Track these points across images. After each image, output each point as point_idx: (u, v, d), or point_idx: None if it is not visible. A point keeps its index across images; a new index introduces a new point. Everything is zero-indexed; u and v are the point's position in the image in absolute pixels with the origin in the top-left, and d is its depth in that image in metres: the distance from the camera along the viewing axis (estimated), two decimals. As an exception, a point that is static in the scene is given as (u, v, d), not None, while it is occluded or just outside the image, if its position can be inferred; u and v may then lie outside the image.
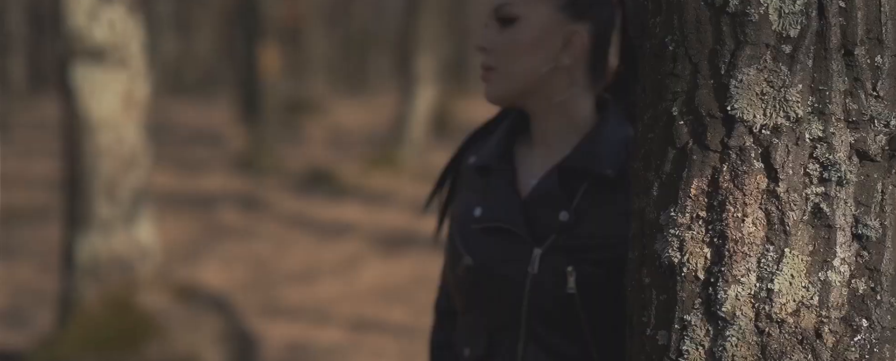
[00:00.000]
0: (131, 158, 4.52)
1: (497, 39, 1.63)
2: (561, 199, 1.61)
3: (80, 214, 4.56)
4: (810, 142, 1.28)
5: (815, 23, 1.27)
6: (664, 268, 1.32)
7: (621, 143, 1.63)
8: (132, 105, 4.49)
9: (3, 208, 9.77)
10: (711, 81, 1.29)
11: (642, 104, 1.37)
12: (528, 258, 1.60)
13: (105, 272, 4.55)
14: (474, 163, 1.70)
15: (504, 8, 1.63)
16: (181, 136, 15.20)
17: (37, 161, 12.09)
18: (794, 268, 1.28)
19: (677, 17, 1.31)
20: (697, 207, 1.30)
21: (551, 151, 1.66)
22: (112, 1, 4.41)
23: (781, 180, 1.27)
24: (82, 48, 4.39)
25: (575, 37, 1.63)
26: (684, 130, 1.30)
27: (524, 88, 1.64)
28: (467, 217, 1.67)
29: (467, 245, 1.65)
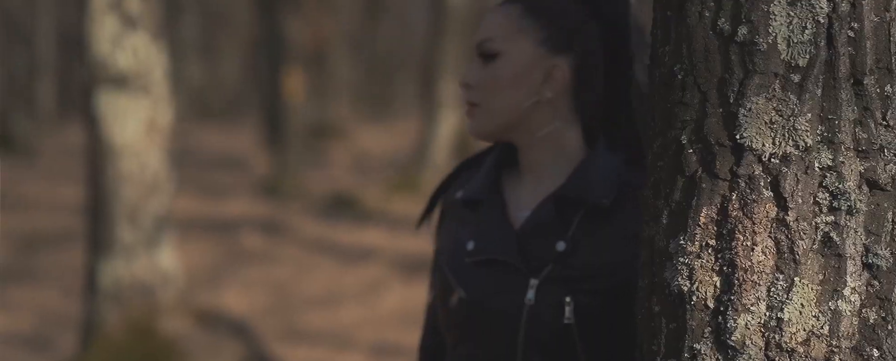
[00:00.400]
0: (154, 183, 4.55)
1: (480, 75, 1.65)
2: (557, 229, 1.61)
3: (102, 239, 4.59)
4: (820, 171, 1.28)
5: (823, 52, 1.27)
6: (674, 296, 1.32)
7: (613, 172, 1.64)
8: (155, 131, 4.53)
9: (29, 233, 9.84)
10: (720, 109, 1.29)
11: (652, 132, 1.37)
12: (523, 289, 1.60)
13: (127, 296, 4.57)
14: (462, 197, 1.71)
15: (485, 44, 1.65)
16: (206, 161, 15.29)
17: (62, 186, 12.18)
18: (804, 297, 1.27)
19: (686, 46, 1.31)
20: (707, 235, 1.30)
21: (541, 182, 1.66)
22: (136, 28, 4.46)
23: (791, 209, 1.27)
24: (106, 75, 4.43)
25: (556, 70, 1.64)
26: (693, 159, 1.31)
27: (508, 122, 1.65)
28: (459, 251, 1.67)
29: (460, 278, 1.65)
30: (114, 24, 4.41)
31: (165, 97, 4.58)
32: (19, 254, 9.02)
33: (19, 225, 10.29)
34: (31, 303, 7.24)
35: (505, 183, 1.70)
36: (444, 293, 1.68)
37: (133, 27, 4.44)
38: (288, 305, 7.35)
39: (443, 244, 1.73)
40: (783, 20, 1.27)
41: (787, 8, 1.27)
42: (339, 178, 13.55)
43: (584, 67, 1.66)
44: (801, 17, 1.27)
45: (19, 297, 7.42)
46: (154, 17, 4.53)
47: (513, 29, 1.64)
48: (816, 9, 1.27)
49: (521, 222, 1.65)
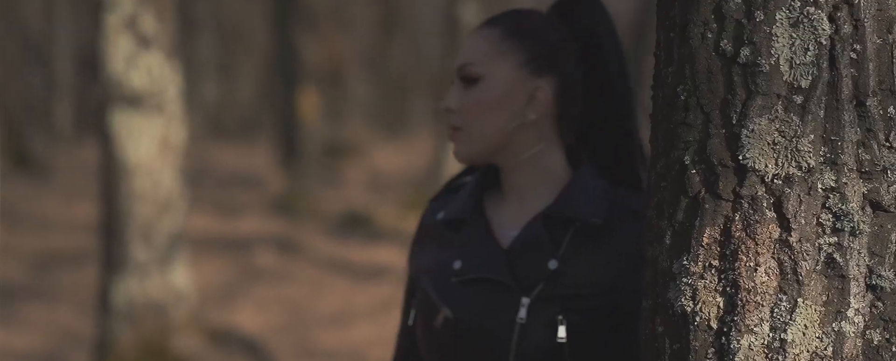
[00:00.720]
0: (167, 202, 4.57)
1: (462, 99, 1.65)
2: (547, 247, 1.61)
3: (115, 257, 4.61)
4: (823, 192, 1.28)
5: (826, 74, 1.27)
6: (677, 317, 1.32)
7: (601, 191, 1.65)
8: (168, 150, 4.55)
9: (44, 251, 9.88)
10: (723, 130, 1.30)
11: (654, 153, 1.38)
12: (515, 308, 1.60)
13: (140, 315, 4.59)
14: (443, 218, 1.71)
15: (467, 68, 1.65)
16: (221, 179, 15.33)
17: (78, 205, 12.23)
18: (807, 318, 1.27)
19: (689, 67, 1.32)
20: (710, 256, 1.30)
21: (525, 203, 1.67)
22: (150, 47, 4.49)
23: (794, 230, 1.27)
24: (120, 94, 4.46)
25: (538, 92, 1.65)
26: (696, 179, 1.31)
27: (492, 146, 1.65)
28: (444, 271, 1.67)
29: (446, 298, 1.64)
30: (128, 44, 4.44)
31: (179, 116, 4.60)
32: (34, 272, 9.05)
33: (34, 243, 10.34)
34: (45, 321, 7.26)
35: (487, 204, 1.70)
36: (427, 314, 1.67)
37: (147, 47, 4.47)
38: (301, 323, 7.36)
39: (423, 265, 1.72)
40: (785, 42, 1.28)
41: (790, 29, 1.28)
42: (354, 196, 13.57)
43: (565, 87, 1.67)
44: (804, 39, 1.27)
45: (33, 315, 7.45)
46: (168, 36, 4.56)
47: (494, 52, 1.65)
48: (819, 30, 1.27)
49: (508, 241, 1.65)
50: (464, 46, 1.69)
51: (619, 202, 1.65)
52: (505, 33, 1.66)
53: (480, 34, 1.67)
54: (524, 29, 1.66)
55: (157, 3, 4.50)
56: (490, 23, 1.69)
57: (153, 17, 4.49)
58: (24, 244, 10.28)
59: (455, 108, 1.66)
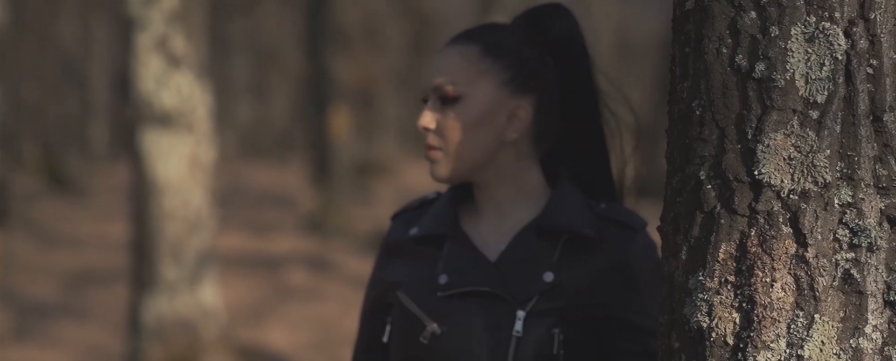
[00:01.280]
0: (196, 220, 4.60)
1: (441, 119, 1.63)
2: (543, 259, 1.61)
3: (146, 276, 4.65)
4: (839, 207, 1.27)
5: (842, 89, 1.27)
6: (693, 333, 1.31)
7: (584, 204, 1.65)
8: (198, 169, 4.59)
9: (78, 270, 9.96)
10: (738, 145, 1.29)
11: (670, 168, 1.37)
12: (510, 322, 1.59)
13: (170, 333, 4.61)
14: (419, 234, 1.68)
15: (446, 87, 1.63)
16: (253, 198, 15.41)
17: (112, 224, 12.32)
18: (824, 335, 1.26)
19: (704, 82, 1.32)
20: (726, 271, 1.30)
21: (505, 218, 1.66)
22: (180, 67, 4.53)
23: (810, 246, 1.27)
24: (150, 113, 4.51)
25: (519, 111, 1.64)
26: (712, 195, 1.31)
27: (473, 165, 1.64)
28: (426, 286, 1.64)
29: (433, 313, 1.62)
30: (158, 64, 4.48)
31: (209, 135, 4.64)
32: (67, 290, 9.13)
33: (68, 262, 10.42)
34: (78, 339, 7.32)
35: (462, 219, 1.69)
36: (408, 330, 1.64)
37: (177, 66, 4.52)
38: (332, 341, 7.37)
39: (396, 282, 1.69)
40: (801, 57, 1.27)
41: (805, 45, 1.27)
42: (385, 215, 13.54)
43: (545, 105, 1.66)
44: (819, 54, 1.27)
45: (66, 333, 7.50)
46: (198, 56, 4.60)
47: (474, 71, 1.63)
48: (834, 46, 1.27)
49: (494, 255, 1.64)
50: (438, 63, 1.66)
51: (602, 214, 1.66)
52: (484, 51, 1.64)
53: (457, 51, 1.65)
54: (503, 46, 1.65)
55: (188, 23, 4.54)
56: (465, 39, 1.66)
57: (183, 38, 4.53)
58: (58, 263, 10.37)
59: (433, 127, 1.63)
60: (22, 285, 9.31)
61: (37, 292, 9.03)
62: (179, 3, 4.50)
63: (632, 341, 1.65)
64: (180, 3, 4.50)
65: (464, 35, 1.67)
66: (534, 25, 1.69)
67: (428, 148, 1.64)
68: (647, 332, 1.65)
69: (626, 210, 1.70)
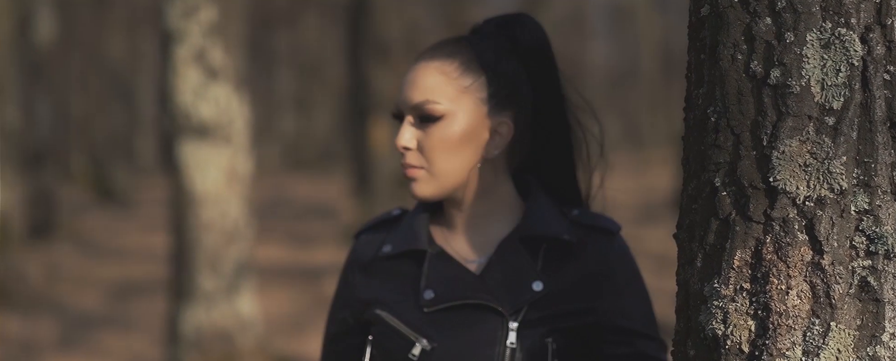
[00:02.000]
0: (234, 231, 4.63)
1: (422, 138, 1.60)
2: (528, 269, 1.60)
3: (184, 286, 4.68)
4: (856, 214, 1.26)
5: (858, 95, 1.26)
6: (708, 340, 1.31)
7: (559, 213, 1.65)
8: (235, 180, 4.62)
9: (121, 281, 10.06)
10: (754, 152, 1.28)
11: (686, 175, 1.37)
12: (503, 334, 1.57)
13: (207, 343, 4.64)
14: (393, 251, 1.66)
15: (428, 106, 1.59)
16: (295, 209, 15.49)
17: (156, 235, 12.44)
18: (840, 342, 1.25)
19: (719, 89, 1.31)
20: (741, 278, 1.29)
21: (481, 233, 1.65)
22: (217, 79, 4.57)
23: (826, 253, 1.26)
24: (188, 125, 4.54)
25: (501, 127, 1.63)
26: (727, 201, 1.30)
27: (456, 183, 1.62)
28: (411, 302, 1.62)
29: (421, 329, 1.59)
30: (197, 76, 4.53)
31: (246, 147, 4.67)
32: (112, 301, 9.22)
33: (112, 273, 10.53)
34: (122, 349, 7.39)
35: (434, 235, 1.67)
36: (394, 348, 1.61)
37: (215, 78, 4.55)
38: (371, 353, 7.37)
39: (372, 301, 1.65)
40: (816, 63, 1.26)
41: (821, 51, 1.26)
42: (427, 227, 13.56)
43: (524, 120, 1.65)
44: (835, 60, 1.26)
45: (109, 343, 7.58)
46: (236, 68, 4.64)
47: (455, 89, 1.60)
48: (850, 52, 1.26)
49: (477, 268, 1.63)
50: (414, 80, 1.62)
51: (577, 220, 1.66)
52: (463, 67, 1.61)
53: (435, 68, 1.61)
54: (482, 61, 1.62)
55: (225, 35, 4.59)
56: (442, 54, 1.63)
57: (221, 50, 4.57)
58: (102, 274, 10.48)
59: (413, 146, 1.61)
60: (67, 295, 9.42)
61: (81, 302, 9.13)
62: (217, 16, 4.54)
63: (621, 344, 1.64)
64: (218, 15, 4.54)
65: (439, 50, 1.63)
66: (505, 36, 1.66)
67: (407, 167, 1.61)
68: (635, 333, 1.65)
69: (599, 215, 1.70)
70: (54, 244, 12.72)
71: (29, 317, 8.42)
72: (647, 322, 1.67)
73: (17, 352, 7.40)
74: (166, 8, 4.52)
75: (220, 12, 4.54)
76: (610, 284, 1.64)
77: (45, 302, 9.06)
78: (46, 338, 7.78)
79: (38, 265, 10.94)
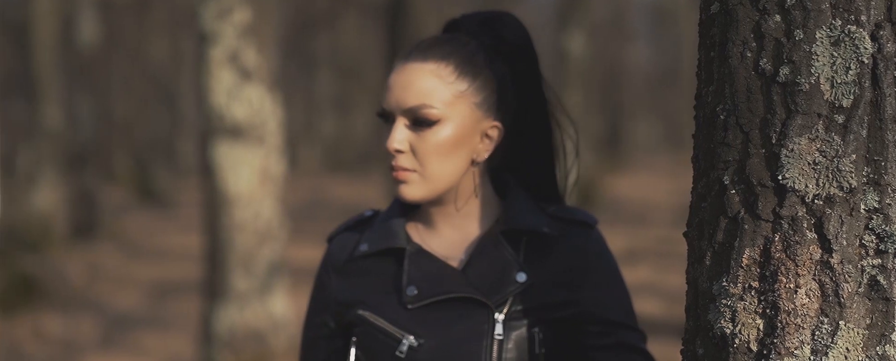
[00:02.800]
0: (267, 231, 4.66)
1: (415, 141, 1.59)
2: (510, 262, 1.61)
3: (217, 286, 4.72)
4: (866, 213, 1.25)
5: (868, 93, 1.25)
6: (717, 339, 1.30)
7: (536, 207, 1.65)
8: (268, 181, 4.65)
9: (160, 281, 10.15)
10: (763, 150, 1.28)
11: (695, 173, 1.37)
12: (490, 326, 1.58)
13: (240, 343, 4.68)
14: (370, 250, 1.65)
15: (424, 110, 1.58)
16: (332, 211, 15.55)
17: (194, 236, 12.56)
18: (849, 342, 1.24)
19: (728, 87, 1.31)
20: (749, 277, 1.28)
21: (460, 232, 1.65)
22: (251, 80, 4.60)
23: (835, 252, 1.25)
24: (222, 126, 4.58)
25: (492, 131, 1.63)
26: (736, 200, 1.30)
27: (447, 186, 1.62)
28: (394, 299, 1.61)
29: (407, 326, 1.59)
30: (230, 77, 4.56)
31: (279, 147, 4.70)
32: (151, 301, 9.31)
33: (152, 273, 10.63)
34: (160, 349, 7.46)
35: (411, 234, 1.66)
36: (381, 348, 1.60)
37: (249, 79, 4.58)
38: (406, 354, 7.38)
39: (354, 301, 1.64)
40: (826, 60, 1.26)
41: (831, 48, 1.26)
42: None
43: (509, 121, 1.65)
44: (845, 58, 1.25)
45: (147, 343, 7.65)
46: (269, 69, 4.66)
47: (451, 93, 1.59)
48: (860, 49, 1.25)
49: (458, 264, 1.63)
50: (408, 81, 1.60)
51: (555, 215, 1.66)
52: (459, 71, 1.60)
53: (430, 71, 1.60)
54: (474, 65, 1.61)
55: (259, 37, 4.62)
56: (435, 56, 1.61)
57: (255, 51, 4.60)
58: (142, 274, 10.58)
59: (406, 149, 1.60)
60: (107, 295, 9.52)
61: (121, 302, 9.22)
62: (251, 18, 4.57)
63: (604, 335, 1.64)
64: (252, 17, 4.57)
65: (431, 51, 1.62)
66: (489, 35, 1.65)
67: (399, 169, 1.60)
68: (616, 324, 1.65)
69: (577, 209, 1.70)
70: (96, 245, 12.86)
71: (70, 316, 8.52)
72: (626, 313, 1.68)
73: (59, 351, 7.49)
74: (201, 10, 4.56)
75: (254, 14, 4.58)
76: (589, 276, 1.65)
77: (86, 302, 9.16)
78: (87, 337, 7.87)
79: (80, 265, 11.07)
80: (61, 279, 10.04)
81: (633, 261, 10.19)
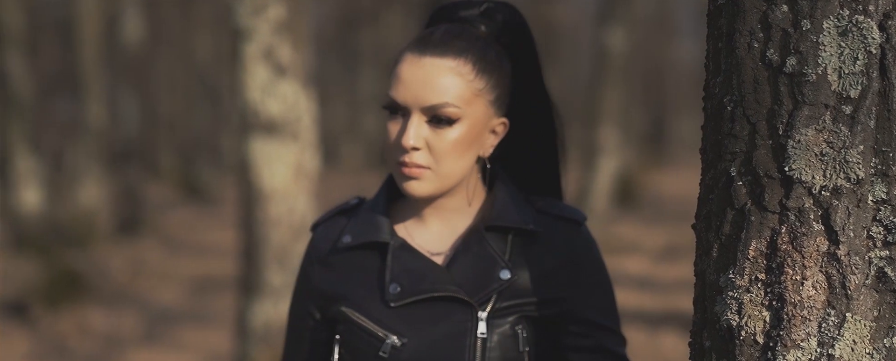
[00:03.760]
0: (301, 227, 4.68)
1: (432, 138, 1.56)
2: (495, 258, 1.58)
3: (253, 281, 4.75)
4: (873, 204, 1.24)
5: (876, 83, 1.24)
6: (723, 331, 1.30)
7: (524, 201, 1.62)
8: (303, 176, 4.67)
9: (201, 276, 10.24)
10: (769, 141, 1.27)
11: (704, 164, 1.36)
12: (473, 324, 1.55)
13: (275, 338, 4.70)
14: (354, 242, 1.62)
15: (446, 109, 1.55)
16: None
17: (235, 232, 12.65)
18: (856, 333, 1.23)
19: (736, 78, 1.30)
20: (756, 269, 1.28)
21: (448, 225, 1.62)
22: (286, 76, 4.62)
23: (842, 243, 1.24)
24: (257, 122, 4.60)
25: (499, 128, 1.61)
26: (743, 191, 1.29)
27: (456, 183, 1.59)
28: (377, 297, 1.59)
29: (391, 325, 1.57)
30: (265, 73, 4.58)
31: (314, 143, 4.72)
32: (192, 296, 9.39)
33: (193, 268, 10.73)
34: (201, 344, 7.52)
35: (395, 226, 1.63)
36: (364, 347, 1.57)
37: (283, 75, 4.61)
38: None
39: (337, 296, 1.62)
40: (833, 51, 1.25)
41: (838, 38, 1.25)
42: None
43: (513, 116, 1.63)
44: (853, 48, 1.24)
45: (187, 337, 7.73)
46: (304, 65, 4.68)
47: (471, 92, 1.56)
48: (868, 39, 1.24)
49: (443, 260, 1.60)
50: (427, 79, 1.55)
51: (542, 210, 1.63)
52: (477, 68, 1.57)
53: (450, 69, 1.56)
54: (490, 62, 1.59)
55: (294, 33, 4.64)
56: (452, 52, 1.57)
57: (289, 47, 4.62)
58: (183, 270, 10.68)
59: (420, 146, 1.56)
60: (150, 290, 9.62)
61: (163, 297, 9.32)
62: (286, 14, 4.59)
63: (583, 336, 1.62)
64: (287, 13, 4.60)
65: (446, 46, 1.57)
66: (489, 26, 1.62)
67: (412, 166, 1.56)
68: (597, 326, 1.62)
69: (565, 205, 1.67)
70: (139, 240, 12.99)
71: (113, 311, 8.62)
72: (609, 315, 1.65)
73: (102, 345, 7.58)
74: (236, 6, 4.59)
75: (288, 10, 4.60)
76: (575, 275, 1.62)
77: (129, 297, 9.27)
78: (129, 332, 7.96)
79: (123, 261, 11.19)
80: (105, 274, 10.16)
81: (675, 257, 10.13)
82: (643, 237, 11.86)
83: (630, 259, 10.12)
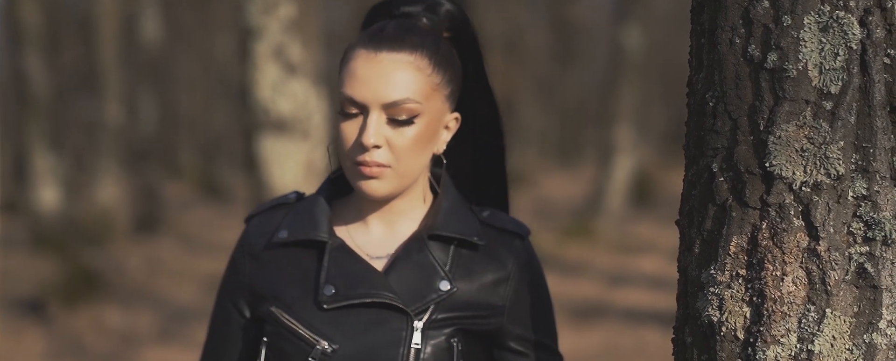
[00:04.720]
0: (311, 224, 4.70)
1: (392, 136, 1.51)
2: (436, 268, 1.54)
3: (263, 278, 4.77)
4: (853, 200, 1.24)
5: (857, 79, 1.24)
6: (704, 327, 1.30)
7: (470, 212, 1.59)
8: (313, 174, 4.69)
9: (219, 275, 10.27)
10: (751, 137, 1.27)
11: (686, 161, 1.36)
12: (407, 334, 1.50)
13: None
14: (288, 238, 1.56)
15: (408, 105, 1.50)
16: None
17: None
18: (835, 329, 1.24)
19: (717, 73, 1.30)
20: (737, 265, 1.28)
21: (390, 228, 1.57)
22: (296, 74, 4.64)
23: (822, 239, 1.24)
24: (267, 120, 4.62)
25: (451, 123, 1.58)
26: (724, 187, 1.29)
27: (412, 181, 1.55)
28: (311, 298, 1.53)
29: (322, 330, 1.51)
30: (275, 71, 4.60)
31: (324, 141, 4.73)
32: (209, 295, 9.43)
33: (210, 267, 10.77)
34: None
35: (335, 226, 1.57)
36: (292, 350, 1.52)
37: (293, 73, 4.63)
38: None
39: (268, 293, 1.56)
40: (814, 46, 1.25)
41: (819, 34, 1.25)
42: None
43: (462, 111, 1.60)
44: (833, 44, 1.24)
45: (202, 336, 7.75)
46: (314, 63, 4.70)
47: (430, 87, 1.53)
48: (849, 35, 1.24)
49: (380, 264, 1.55)
50: (385, 75, 1.51)
51: (487, 222, 1.60)
52: (433, 62, 1.53)
53: (408, 63, 1.52)
54: (443, 56, 1.55)
55: (304, 31, 4.66)
56: (407, 46, 1.52)
57: (300, 46, 4.64)
58: (200, 268, 10.73)
59: (381, 144, 1.51)
60: (166, 288, 9.67)
61: (180, 296, 9.36)
62: (296, 12, 4.61)
63: (520, 353, 1.59)
64: (297, 11, 4.61)
65: (400, 41, 1.53)
66: (432, 20, 1.59)
67: (373, 165, 1.51)
68: (535, 343, 1.59)
69: (509, 218, 1.63)
70: (157, 239, 13.06)
71: (130, 309, 8.67)
72: (548, 332, 1.62)
73: (119, 343, 7.63)
74: (246, 5, 4.61)
75: (299, 8, 4.62)
76: (516, 290, 1.58)
77: (146, 295, 9.32)
78: (146, 330, 8.00)
79: (140, 259, 11.25)
80: (122, 272, 10.21)
81: (690, 257, 10.08)
82: (659, 236, 11.84)
83: (645, 259, 10.11)
